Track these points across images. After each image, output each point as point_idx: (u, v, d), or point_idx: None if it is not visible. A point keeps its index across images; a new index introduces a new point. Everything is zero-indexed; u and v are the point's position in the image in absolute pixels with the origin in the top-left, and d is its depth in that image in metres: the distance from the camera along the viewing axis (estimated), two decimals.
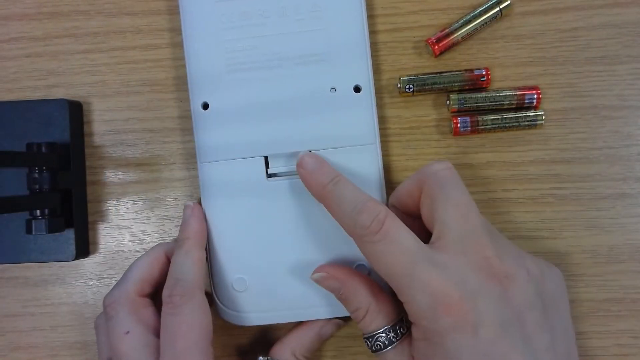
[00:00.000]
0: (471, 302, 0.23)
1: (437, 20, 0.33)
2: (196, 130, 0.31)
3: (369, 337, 0.27)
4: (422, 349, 0.25)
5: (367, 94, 0.30)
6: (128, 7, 0.34)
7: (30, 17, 0.34)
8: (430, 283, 0.23)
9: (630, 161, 0.32)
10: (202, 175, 0.31)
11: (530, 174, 0.32)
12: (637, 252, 0.31)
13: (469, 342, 0.23)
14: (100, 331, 0.29)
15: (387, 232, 0.24)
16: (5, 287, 0.34)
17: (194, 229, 0.29)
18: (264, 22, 0.30)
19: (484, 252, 0.24)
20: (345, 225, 0.26)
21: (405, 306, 0.25)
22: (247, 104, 0.30)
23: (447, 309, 0.23)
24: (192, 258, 0.28)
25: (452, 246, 0.24)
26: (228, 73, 0.30)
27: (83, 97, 0.34)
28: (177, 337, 0.26)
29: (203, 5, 0.31)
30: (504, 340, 0.23)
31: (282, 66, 0.30)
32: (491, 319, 0.23)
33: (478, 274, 0.24)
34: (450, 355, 0.23)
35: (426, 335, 0.24)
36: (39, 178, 0.30)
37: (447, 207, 0.25)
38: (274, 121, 0.30)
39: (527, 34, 0.32)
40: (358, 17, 0.30)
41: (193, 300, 0.27)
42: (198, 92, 0.31)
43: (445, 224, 0.25)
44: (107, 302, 0.28)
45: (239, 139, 0.30)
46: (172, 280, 0.27)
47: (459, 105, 0.31)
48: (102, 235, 0.34)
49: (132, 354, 0.26)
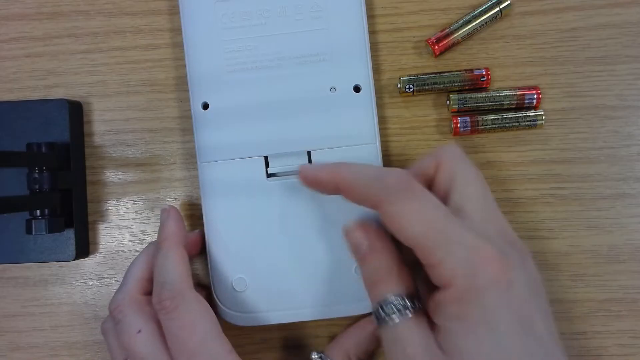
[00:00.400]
0: (505, 259, 0.23)
1: (437, 20, 0.33)
2: (196, 130, 0.31)
3: (382, 305, 0.25)
4: (453, 314, 0.23)
5: (367, 93, 0.30)
6: (128, 7, 0.34)
7: (30, 17, 0.34)
8: (467, 237, 0.23)
9: (630, 161, 0.32)
10: (202, 175, 0.31)
11: (530, 174, 0.32)
12: (637, 252, 0.31)
13: (505, 299, 0.23)
14: (110, 335, 0.29)
15: (415, 189, 0.24)
16: (5, 287, 0.34)
17: (171, 229, 0.29)
18: (264, 22, 0.30)
19: (502, 223, 0.25)
20: (368, 193, 0.25)
21: (437, 269, 0.23)
22: (247, 103, 0.30)
23: (487, 262, 0.23)
24: (172, 259, 0.28)
25: (476, 215, 0.25)
26: (228, 73, 0.30)
27: (83, 97, 0.34)
28: (184, 337, 0.26)
29: (203, 5, 0.31)
30: (532, 301, 0.23)
31: (282, 66, 0.30)
32: (521, 279, 0.23)
33: (503, 239, 0.24)
34: (487, 312, 0.23)
35: (460, 295, 0.23)
36: (39, 178, 0.30)
37: (469, 181, 0.25)
38: (273, 121, 0.30)
39: (527, 34, 0.32)
40: (358, 17, 0.30)
41: (184, 299, 0.27)
42: (198, 92, 0.31)
43: (467, 197, 0.25)
44: (112, 306, 0.28)
45: (239, 139, 0.30)
46: (158, 286, 0.27)
47: (459, 105, 0.31)
48: (102, 235, 0.34)
49: (148, 351, 0.26)
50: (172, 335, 0.26)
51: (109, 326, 0.29)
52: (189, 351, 0.26)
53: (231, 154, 0.30)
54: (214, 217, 0.30)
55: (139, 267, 0.29)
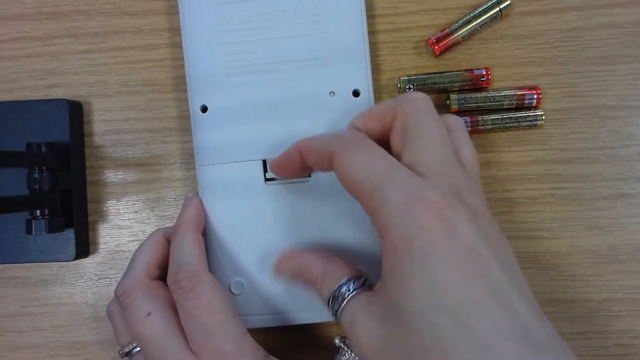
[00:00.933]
0: (448, 207, 0.21)
1: (437, 20, 0.33)
2: (195, 133, 0.31)
3: (330, 298, 0.25)
4: (387, 267, 0.22)
5: (366, 98, 0.30)
6: (128, 7, 0.34)
7: (30, 17, 0.34)
8: (408, 182, 0.22)
9: (630, 161, 0.32)
10: (200, 178, 0.31)
11: (530, 174, 0.32)
12: (637, 252, 0.31)
13: (443, 249, 0.20)
14: (115, 317, 0.29)
15: (365, 142, 0.24)
16: (5, 287, 0.34)
17: (189, 214, 0.29)
18: (263, 26, 0.30)
19: (458, 182, 0.23)
20: (325, 150, 0.25)
21: (375, 217, 0.22)
22: (246, 107, 0.30)
23: (423, 208, 0.21)
24: (189, 241, 0.28)
25: (429, 171, 0.23)
26: (227, 76, 0.30)
27: (83, 97, 0.34)
28: (202, 317, 0.26)
29: (202, 7, 0.31)
30: (485, 253, 0.21)
31: (281, 70, 0.30)
32: (469, 230, 0.21)
33: (456, 197, 0.22)
34: (419, 261, 0.20)
35: (394, 245, 0.21)
36: (39, 178, 0.30)
37: (424, 136, 0.24)
38: (272, 125, 0.30)
39: (527, 34, 0.32)
40: (358, 22, 0.30)
41: (202, 279, 0.27)
42: (197, 95, 0.31)
43: (421, 152, 0.23)
44: (119, 291, 0.28)
45: (238, 142, 0.30)
46: (174, 266, 0.27)
47: (459, 105, 0.31)
48: (102, 235, 0.34)
49: (159, 333, 0.26)
50: (189, 314, 0.26)
51: (114, 309, 0.29)
52: (207, 331, 0.26)
53: (229, 157, 0.30)
54: (211, 220, 0.30)
55: (145, 253, 0.29)
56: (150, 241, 0.30)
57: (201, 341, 0.26)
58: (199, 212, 0.30)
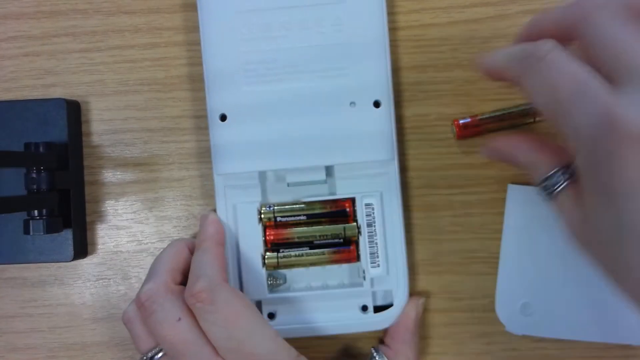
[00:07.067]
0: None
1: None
2: (213, 141, 0.30)
3: (542, 184, 0.25)
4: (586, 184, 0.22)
5: (387, 109, 0.30)
6: (126, 5, 0.33)
7: (28, 16, 0.34)
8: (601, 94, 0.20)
9: None
10: (218, 185, 0.31)
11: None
12: None
13: None
14: (135, 324, 0.28)
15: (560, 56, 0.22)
16: (3, 287, 0.33)
17: (209, 232, 0.30)
18: (284, 34, 0.30)
19: None
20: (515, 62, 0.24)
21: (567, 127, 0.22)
22: (265, 116, 0.30)
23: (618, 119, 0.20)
24: (210, 255, 0.28)
25: None
26: (247, 85, 0.30)
27: (81, 96, 0.33)
28: (229, 327, 0.26)
29: (223, 16, 0.30)
30: None
31: (302, 79, 0.30)
32: None
33: None
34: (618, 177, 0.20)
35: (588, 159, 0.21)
36: (36, 178, 0.30)
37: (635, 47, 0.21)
38: (292, 134, 0.30)
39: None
40: (380, 33, 0.30)
41: (221, 290, 0.27)
42: (216, 104, 0.30)
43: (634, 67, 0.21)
44: (144, 297, 0.27)
45: (256, 152, 0.30)
46: (193, 277, 0.27)
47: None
48: (101, 236, 0.33)
49: (189, 338, 0.26)
50: (217, 324, 0.26)
51: (133, 315, 0.28)
52: (238, 338, 0.26)
53: (247, 166, 0.30)
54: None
55: (167, 260, 0.29)
56: (172, 248, 0.30)
57: (233, 348, 0.26)
58: (218, 228, 0.30)
